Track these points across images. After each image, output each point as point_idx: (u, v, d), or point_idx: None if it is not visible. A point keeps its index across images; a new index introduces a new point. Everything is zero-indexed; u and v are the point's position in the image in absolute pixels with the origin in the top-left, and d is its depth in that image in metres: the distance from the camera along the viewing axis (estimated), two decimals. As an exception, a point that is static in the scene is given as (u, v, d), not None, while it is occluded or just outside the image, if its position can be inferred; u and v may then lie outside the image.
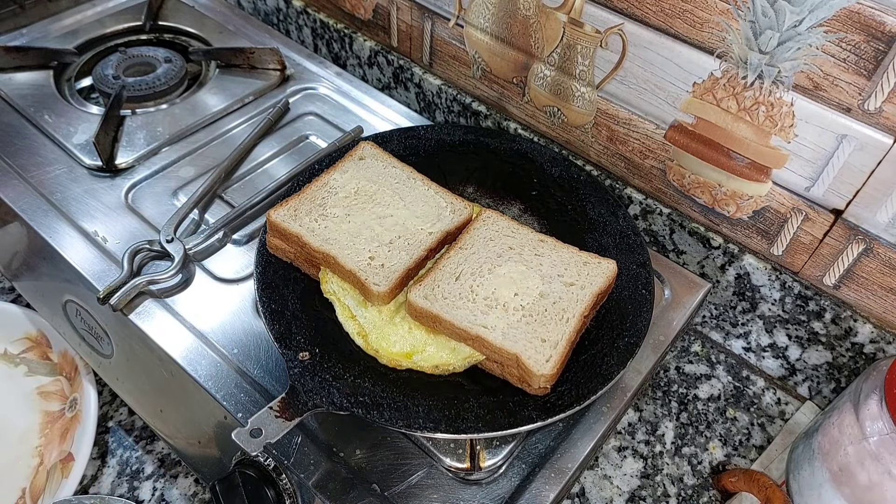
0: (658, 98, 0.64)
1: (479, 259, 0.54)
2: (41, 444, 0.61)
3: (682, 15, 0.58)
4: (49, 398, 0.64)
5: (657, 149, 0.67)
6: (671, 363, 0.70)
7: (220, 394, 0.54)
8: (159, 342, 0.56)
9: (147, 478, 0.61)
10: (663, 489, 0.60)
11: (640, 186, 0.72)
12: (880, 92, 0.51)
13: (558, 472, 0.51)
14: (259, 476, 0.51)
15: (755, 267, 0.65)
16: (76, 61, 0.84)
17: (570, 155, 0.75)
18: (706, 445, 0.64)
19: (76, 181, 0.69)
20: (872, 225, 0.57)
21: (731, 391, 0.68)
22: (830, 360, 0.65)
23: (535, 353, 0.48)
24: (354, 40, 0.89)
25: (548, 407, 0.47)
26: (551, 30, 0.68)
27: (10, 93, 0.77)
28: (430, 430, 0.45)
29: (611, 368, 0.49)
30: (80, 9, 0.91)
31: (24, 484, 0.59)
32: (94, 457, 0.61)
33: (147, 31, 0.90)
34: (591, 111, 0.70)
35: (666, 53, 0.61)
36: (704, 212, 0.68)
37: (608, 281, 0.54)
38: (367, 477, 0.50)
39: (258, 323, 0.58)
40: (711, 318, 0.71)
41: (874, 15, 0.49)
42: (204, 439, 0.59)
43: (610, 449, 0.62)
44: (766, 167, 0.60)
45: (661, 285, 0.64)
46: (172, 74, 0.81)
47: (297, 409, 0.45)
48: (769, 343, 0.68)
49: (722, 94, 0.60)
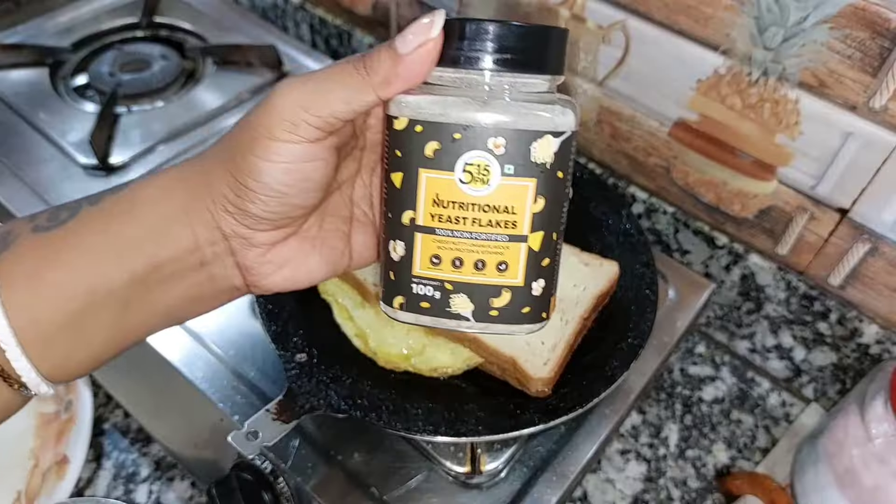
0: (662, 95, 0.63)
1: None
2: (36, 447, 0.60)
3: (686, 11, 0.57)
4: (44, 400, 0.63)
5: (661, 146, 0.67)
6: (675, 364, 0.69)
7: (217, 396, 0.53)
8: (154, 344, 0.56)
9: (143, 480, 0.60)
10: (667, 492, 0.60)
11: (643, 185, 0.71)
12: (886, 89, 0.50)
13: (560, 476, 0.50)
14: (256, 479, 0.50)
15: (760, 266, 0.64)
16: (71, 58, 0.83)
17: (571, 153, 0.74)
18: (710, 448, 0.63)
19: (71, 179, 0.68)
20: (878, 224, 0.56)
21: (735, 393, 0.67)
22: (836, 361, 0.64)
23: (533, 357, 0.48)
24: (353, 36, 0.88)
25: (550, 409, 0.47)
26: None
27: (4, 90, 0.77)
28: (429, 433, 0.44)
29: (614, 370, 0.49)
30: (76, 6, 0.90)
31: (20, 486, 0.58)
32: (90, 459, 0.61)
33: (143, 28, 0.89)
34: (594, 108, 0.69)
35: (670, 50, 0.60)
36: (709, 210, 0.67)
37: (609, 283, 0.53)
38: (366, 480, 0.49)
39: (255, 324, 0.58)
40: (716, 318, 0.71)
41: (879, 11, 0.48)
42: (200, 442, 0.58)
43: (613, 452, 0.62)
44: (771, 165, 0.60)
45: (665, 285, 0.63)
46: (168, 72, 0.80)
47: (294, 411, 0.44)
48: (774, 344, 0.67)
49: (726, 91, 0.59)
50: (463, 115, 0.29)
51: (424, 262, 0.31)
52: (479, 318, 0.31)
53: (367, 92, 0.29)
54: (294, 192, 0.31)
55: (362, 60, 0.29)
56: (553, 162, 0.30)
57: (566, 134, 0.30)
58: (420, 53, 0.28)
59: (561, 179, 0.30)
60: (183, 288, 0.33)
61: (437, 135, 0.29)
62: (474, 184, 0.29)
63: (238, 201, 0.31)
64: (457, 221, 0.30)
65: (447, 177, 0.30)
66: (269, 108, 0.29)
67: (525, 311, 0.32)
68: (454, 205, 0.30)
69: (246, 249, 0.32)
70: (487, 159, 0.29)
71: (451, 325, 0.32)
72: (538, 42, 0.29)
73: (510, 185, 0.29)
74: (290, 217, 0.32)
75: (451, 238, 0.30)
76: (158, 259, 0.32)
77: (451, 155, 0.29)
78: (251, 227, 0.32)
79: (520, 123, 0.29)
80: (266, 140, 0.29)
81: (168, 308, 0.33)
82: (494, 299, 0.31)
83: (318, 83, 0.29)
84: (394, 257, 0.32)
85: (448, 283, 0.31)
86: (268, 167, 0.30)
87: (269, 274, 0.34)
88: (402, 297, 0.32)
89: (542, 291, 0.32)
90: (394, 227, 0.32)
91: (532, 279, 0.31)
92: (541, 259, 0.31)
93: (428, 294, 0.31)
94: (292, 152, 0.30)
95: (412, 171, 0.30)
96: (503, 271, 0.31)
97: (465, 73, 0.29)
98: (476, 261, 0.30)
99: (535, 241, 0.31)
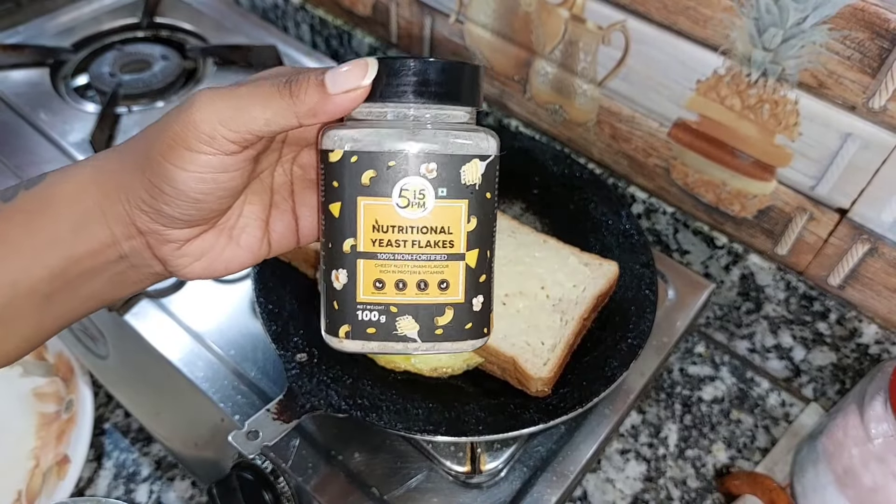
0: (661, 95, 0.63)
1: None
2: (37, 447, 0.60)
3: (685, 11, 0.57)
4: (45, 399, 0.63)
5: (661, 147, 0.67)
6: (675, 364, 0.69)
7: (217, 396, 0.53)
8: (155, 343, 0.56)
9: (143, 480, 0.60)
10: (667, 492, 0.60)
11: (643, 185, 0.71)
12: (885, 90, 0.51)
13: (560, 476, 0.51)
14: (257, 479, 0.50)
15: (760, 267, 0.64)
16: (72, 59, 0.83)
17: (572, 153, 0.74)
18: (710, 448, 0.63)
19: (72, 180, 0.68)
20: (878, 224, 0.56)
21: (735, 393, 0.67)
22: (835, 361, 0.64)
23: (533, 357, 0.48)
24: (353, 36, 0.88)
25: (550, 409, 0.47)
26: (553, 26, 0.67)
27: (5, 91, 0.77)
28: (430, 432, 0.45)
29: (614, 370, 0.49)
30: (77, 6, 0.90)
31: (20, 486, 0.58)
32: (90, 459, 0.61)
33: (144, 29, 0.89)
34: (594, 109, 0.69)
35: (669, 50, 0.60)
36: (709, 211, 0.67)
37: (609, 283, 0.53)
38: (366, 480, 0.49)
39: (255, 324, 0.58)
40: (716, 318, 0.71)
41: (879, 12, 0.48)
42: (201, 442, 0.58)
43: (612, 452, 0.62)
44: (770, 166, 0.60)
45: (665, 285, 0.63)
46: (169, 72, 0.80)
47: (294, 411, 0.44)
48: (774, 344, 0.67)
49: (726, 92, 0.59)
50: (396, 144, 0.31)
51: (368, 287, 0.32)
52: (426, 338, 0.32)
53: (290, 117, 0.30)
54: (209, 200, 0.32)
55: (288, 86, 0.30)
56: (481, 183, 0.32)
57: (490, 157, 0.32)
58: (349, 97, 0.30)
59: (489, 200, 0.33)
60: (105, 278, 0.34)
61: (372, 163, 0.31)
62: (411, 207, 0.31)
63: (152, 202, 0.31)
64: (397, 245, 0.31)
65: (385, 202, 0.31)
66: (187, 119, 0.30)
67: (468, 327, 0.33)
68: (393, 229, 0.31)
69: (161, 244, 0.33)
70: (422, 184, 0.31)
71: (399, 349, 0.33)
72: (455, 77, 0.32)
73: (445, 207, 0.31)
74: (205, 219, 0.33)
75: (392, 261, 0.32)
76: (76, 254, 0.33)
77: (388, 181, 0.31)
78: (166, 226, 0.32)
79: (449, 149, 0.31)
80: (182, 150, 0.30)
81: (92, 294, 0.34)
82: (439, 318, 0.32)
83: (240, 99, 0.30)
84: (336, 286, 0.33)
85: (393, 306, 0.32)
86: (183, 175, 0.30)
87: (186, 265, 0.34)
88: (348, 325, 0.33)
89: (482, 307, 0.33)
90: (335, 256, 0.32)
91: (472, 296, 0.33)
92: (478, 275, 0.33)
93: (374, 319, 0.32)
94: (208, 163, 0.30)
95: (351, 200, 0.31)
96: (444, 290, 0.32)
97: (394, 106, 0.31)
98: (418, 281, 0.32)
99: (472, 259, 0.32)
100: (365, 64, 0.30)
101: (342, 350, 0.33)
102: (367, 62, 0.30)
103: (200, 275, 0.35)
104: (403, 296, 0.32)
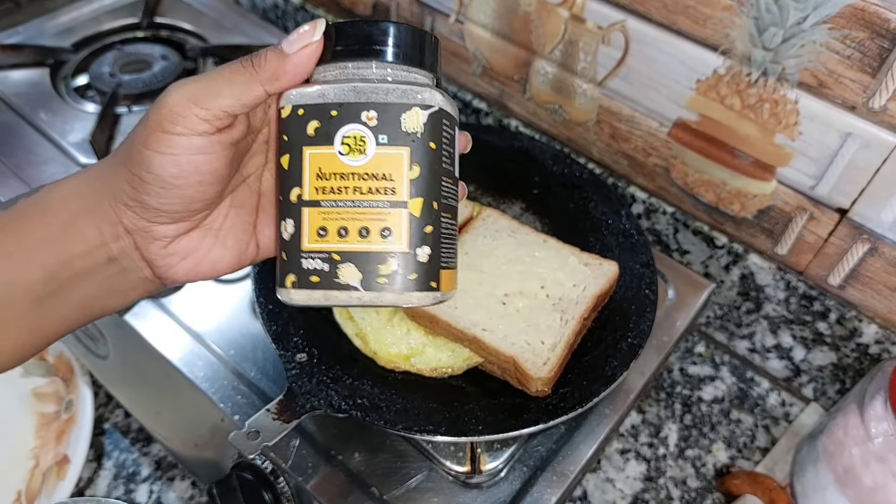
0: (661, 95, 0.63)
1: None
2: (37, 446, 0.60)
3: (685, 11, 0.57)
4: (44, 399, 0.63)
5: (660, 147, 0.67)
6: (675, 364, 0.69)
7: (217, 396, 0.53)
8: (155, 343, 0.56)
9: (143, 480, 0.60)
10: (667, 492, 0.60)
11: (643, 185, 0.71)
12: (885, 90, 0.51)
13: (560, 476, 0.50)
14: (257, 479, 0.50)
15: (760, 266, 0.64)
16: (72, 59, 0.83)
17: (572, 153, 0.74)
18: (710, 448, 0.63)
19: (72, 180, 0.68)
20: (878, 224, 0.56)
21: (735, 393, 0.67)
22: (835, 360, 0.64)
23: (533, 356, 0.48)
24: (353, 37, 0.88)
25: (550, 409, 0.47)
26: (553, 26, 0.67)
27: (5, 91, 0.77)
28: (430, 432, 0.45)
29: (614, 370, 0.49)
30: (77, 6, 0.90)
31: (20, 486, 0.58)
32: (90, 459, 0.61)
33: (144, 29, 0.89)
34: (594, 108, 0.69)
35: (669, 50, 0.60)
36: (708, 210, 0.67)
37: (609, 283, 0.53)
38: (366, 480, 0.49)
39: (255, 324, 0.58)
40: (716, 318, 0.71)
41: (879, 12, 0.48)
42: (201, 442, 0.58)
43: (612, 451, 0.62)
44: (770, 165, 0.60)
45: (665, 285, 0.63)
46: (169, 72, 0.80)
47: (294, 411, 0.44)
48: (774, 344, 0.67)
49: (726, 92, 0.59)
50: (339, 95, 0.32)
51: (312, 235, 0.32)
52: (368, 287, 0.32)
53: (255, 87, 0.32)
54: (186, 185, 0.32)
55: (250, 59, 0.32)
56: (423, 132, 0.32)
57: (433, 108, 0.32)
58: (305, 53, 0.32)
59: (434, 150, 0.33)
60: (96, 282, 0.35)
61: (316, 114, 0.32)
62: (352, 154, 0.32)
63: (134, 194, 0.32)
64: (339, 192, 0.32)
65: (328, 151, 0.32)
66: (160, 104, 0.31)
67: (412, 277, 0.33)
68: (336, 176, 0.32)
69: (148, 243, 0.34)
70: (362, 131, 0.32)
71: (343, 299, 0.33)
72: (404, 39, 0.33)
73: (385, 154, 0.32)
74: (188, 210, 0.33)
75: (335, 208, 0.32)
76: (68, 255, 0.33)
77: (330, 130, 0.32)
78: (151, 220, 0.33)
79: (390, 97, 0.32)
80: (157, 133, 0.31)
81: (83, 300, 0.35)
82: (381, 266, 0.32)
83: (209, 80, 0.32)
84: (285, 237, 0.33)
85: (335, 254, 0.32)
86: (159, 159, 0.31)
87: (173, 266, 0.35)
88: (294, 274, 0.33)
89: (429, 259, 0.33)
90: (284, 207, 0.33)
91: (416, 245, 0.32)
92: (423, 226, 0.33)
93: (317, 267, 0.33)
94: (182, 144, 0.31)
95: (297, 151, 0.33)
96: (387, 237, 0.32)
97: (342, 66, 0.33)
98: (360, 228, 0.32)
99: (416, 207, 0.32)
100: (314, 23, 0.32)
101: (290, 302, 0.34)
102: (317, 21, 0.32)
103: (188, 275, 0.36)
104: (346, 243, 0.32)
